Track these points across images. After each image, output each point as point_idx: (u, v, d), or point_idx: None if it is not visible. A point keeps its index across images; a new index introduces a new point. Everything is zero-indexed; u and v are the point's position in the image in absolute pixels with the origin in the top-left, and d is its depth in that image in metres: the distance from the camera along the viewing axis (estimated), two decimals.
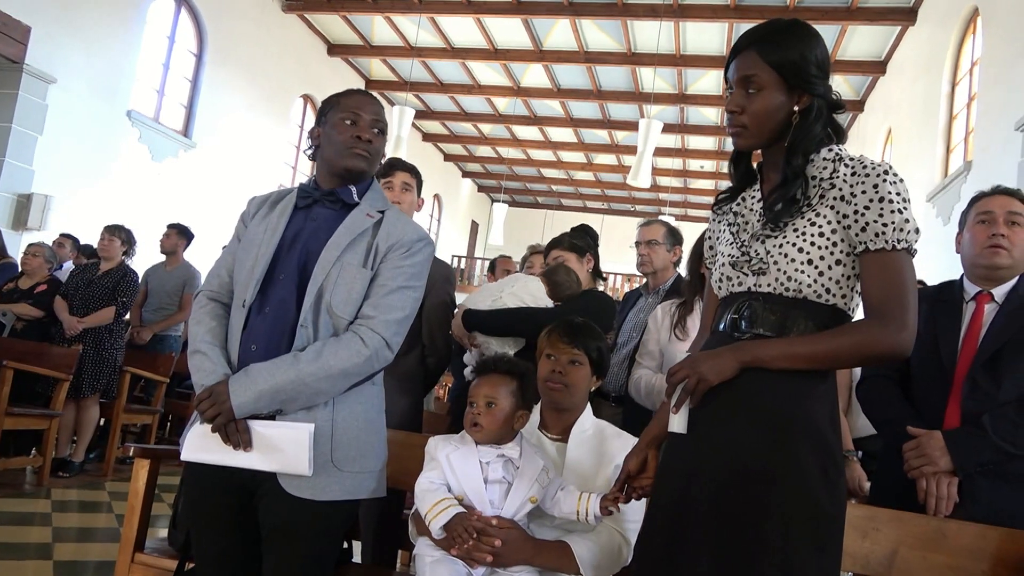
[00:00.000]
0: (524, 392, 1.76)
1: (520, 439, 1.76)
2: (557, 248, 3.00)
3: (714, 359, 1.36)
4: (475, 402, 1.74)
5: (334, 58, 11.66)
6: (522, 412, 1.75)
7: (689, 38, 9.65)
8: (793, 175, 1.40)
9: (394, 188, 2.66)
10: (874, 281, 1.36)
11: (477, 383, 1.77)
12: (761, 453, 1.32)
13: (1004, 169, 5.39)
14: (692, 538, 1.32)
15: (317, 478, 1.59)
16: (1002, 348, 1.92)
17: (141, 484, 2.12)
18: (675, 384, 1.38)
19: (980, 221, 2.05)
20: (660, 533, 1.39)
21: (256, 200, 1.84)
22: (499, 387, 1.73)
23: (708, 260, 1.67)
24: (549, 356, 1.91)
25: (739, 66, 1.44)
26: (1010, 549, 1.75)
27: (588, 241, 3.05)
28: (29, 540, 3.47)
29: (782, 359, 1.34)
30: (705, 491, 1.33)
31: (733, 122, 1.44)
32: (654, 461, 1.54)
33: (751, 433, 1.33)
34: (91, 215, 7.19)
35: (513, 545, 1.63)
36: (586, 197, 18.95)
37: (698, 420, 1.38)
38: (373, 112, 1.76)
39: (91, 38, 7.40)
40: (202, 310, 1.74)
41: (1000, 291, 2.02)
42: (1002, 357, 1.91)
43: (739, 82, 1.43)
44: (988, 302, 2.02)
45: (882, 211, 1.34)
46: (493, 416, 1.71)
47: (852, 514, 1.77)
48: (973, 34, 6.96)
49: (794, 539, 1.27)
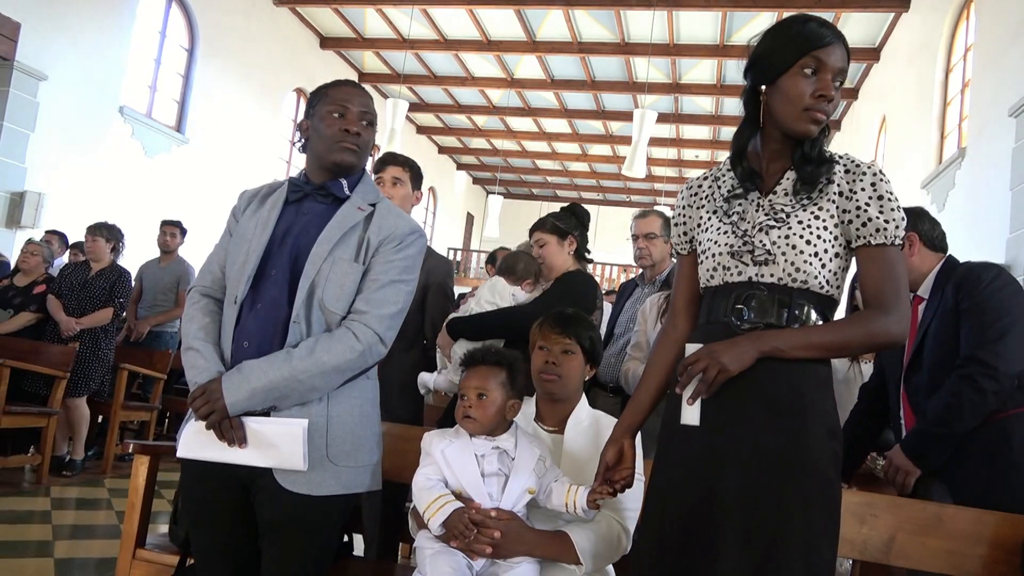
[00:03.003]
0: (514, 381, 1.75)
1: (515, 429, 1.76)
2: (540, 231, 2.89)
3: (734, 348, 1.35)
4: (466, 394, 1.73)
5: (326, 51, 11.61)
6: (514, 402, 1.75)
7: (683, 27, 9.62)
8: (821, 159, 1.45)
9: (385, 184, 2.66)
10: (877, 273, 1.42)
11: (467, 376, 1.77)
12: (783, 444, 1.35)
13: (998, 155, 5.40)
14: (718, 528, 1.33)
15: (313, 473, 1.59)
16: (922, 340, 2.09)
17: (141, 481, 2.12)
18: (694, 375, 1.36)
19: None
20: (673, 523, 1.39)
21: (247, 194, 1.83)
22: (489, 378, 1.73)
23: (679, 246, 1.65)
24: (541, 347, 1.90)
25: (843, 57, 1.43)
26: (1006, 533, 1.76)
27: (573, 222, 2.89)
28: (29, 538, 3.47)
29: (800, 348, 1.37)
30: (733, 483, 1.34)
31: (822, 108, 1.41)
32: (631, 451, 1.58)
33: (772, 424, 1.36)
34: (85, 212, 7.15)
35: (512, 536, 1.64)
36: (581, 188, 18.93)
37: (711, 411, 1.38)
38: (361, 104, 1.74)
39: (82, 34, 7.35)
40: (195, 306, 1.73)
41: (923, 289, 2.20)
42: (924, 347, 2.09)
43: (839, 73, 1.43)
44: (920, 303, 2.19)
45: (882, 208, 1.42)
46: (485, 408, 1.71)
47: (850, 500, 1.79)
48: (966, 20, 6.95)
49: (814, 523, 1.34)
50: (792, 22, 1.45)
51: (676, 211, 1.65)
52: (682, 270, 1.64)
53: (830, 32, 1.42)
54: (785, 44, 1.42)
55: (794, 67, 1.41)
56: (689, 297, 1.61)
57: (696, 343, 1.44)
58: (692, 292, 1.60)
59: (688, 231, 1.61)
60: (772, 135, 1.48)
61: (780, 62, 1.42)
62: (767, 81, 1.45)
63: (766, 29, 1.50)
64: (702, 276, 1.53)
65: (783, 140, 1.47)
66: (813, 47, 1.40)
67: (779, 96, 1.43)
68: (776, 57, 1.43)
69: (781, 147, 1.48)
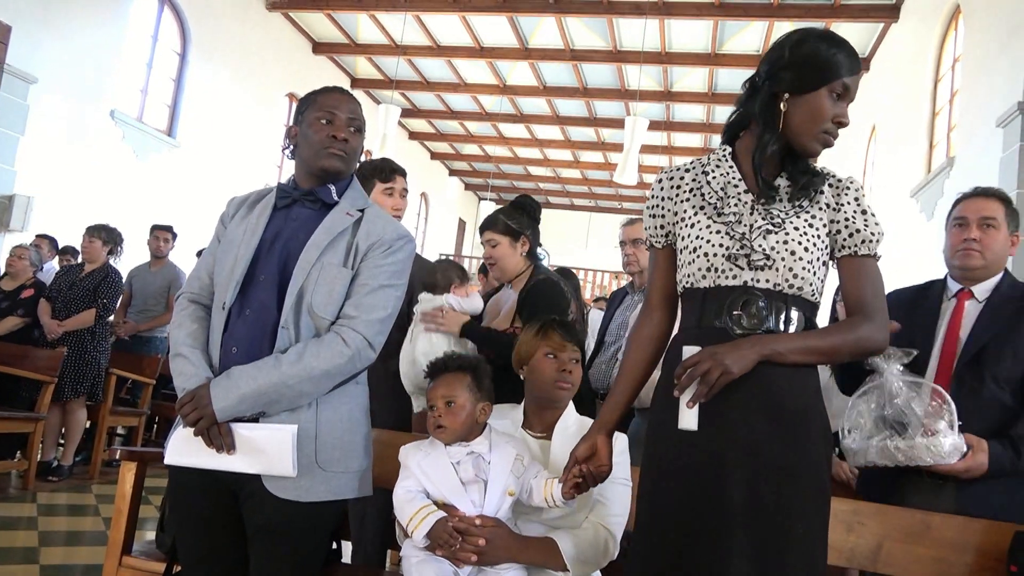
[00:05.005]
0: (480, 384, 1.76)
1: (489, 431, 1.76)
2: (491, 230, 2.67)
3: (736, 351, 1.35)
4: (434, 404, 1.73)
5: (319, 56, 11.59)
6: (484, 404, 1.74)
7: (674, 36, 9.67)
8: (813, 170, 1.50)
9: (395, 194, 2.65)
10: (862, 283, 1.46)
11: (433, 386, 1.77)
12: (785, 452, 1.37)
13: (986, 164, 5.44)
14: (724, 540, 1.33)
15: (302, 479, 1.59)
16: (986, 345, 1.95)
17: (128, 487, 2.10)
18: (695, 376, 1.35)
19: (956, 225, 2.12)
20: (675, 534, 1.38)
21: (235, 201, 1.83)
22: (455, 385, 1.73)
23: (655, 238, 1.60)
24: (550, 355, 1.87)
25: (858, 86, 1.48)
26: (993, 540, 1.77)
27: (525, 220, 2.68)
28: (15, 545, 3.43)
29: (797, 353, 1.39)
30: (738, 493, 1.34)
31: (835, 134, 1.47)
32: (604, 448, 1.56)
33: (774, 431, 1.37)
34: (74, 216, 7.11)
35: (498, 543, 1.63)
36: (573, 195, 18.96)
37: (710, 416, 1.38)
38: (349, 110, 1.74)
39: (73, 37, 7.33)
40: (183, 313, 1.73)
41: (982, 288, 2.06)
42: (986, 353, 1.95)
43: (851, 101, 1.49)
44: (969, 299, 2.06)
45: (867, 222, 1.47)
46: (455, 415, 1.71)
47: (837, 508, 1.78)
48: (955, 31, 7.01)
49: (813, 528, 1.37)
50: (831, 42, 1.46)
51: (652, 201, 1.60)
52: (658, 264, 1.61)
53: (857, 62, 1.47)
54: (823, 63, 1.43)
55: (824, 88, 1.43)
56: (665, 293, 1.60)
57: (693, 346, 1.42)
58: (668, 288, 1.59)
59: (667, 224, 1.58)
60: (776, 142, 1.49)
61: (814, 79, 1.44)
62: (793, 91, 1.45)
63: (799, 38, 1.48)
64: (690, 276, 1.50)
65: (783, 149, 1.49)
66: (846, 74, 1.44)
67: (802, 110, 1.44)
68: (811, 73, 1.44)
69: (776, 153, 1.49)
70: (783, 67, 1.46)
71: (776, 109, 1.46)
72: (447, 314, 2.51)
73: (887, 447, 1.79)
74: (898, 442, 1.78)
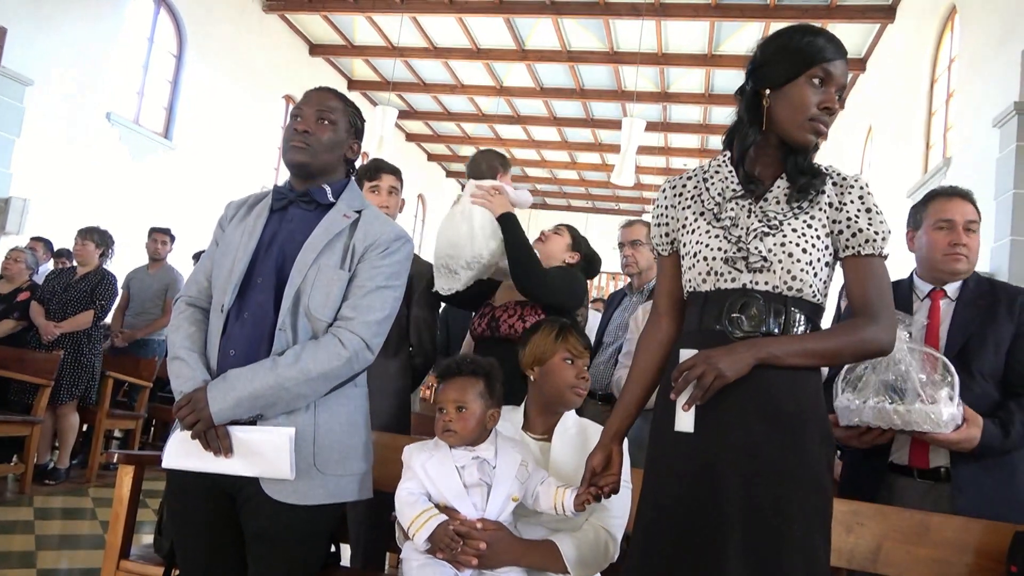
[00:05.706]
0: (492, 391, 1.74)
1: (495, 436, 1.75)
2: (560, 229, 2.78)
3: (731, 355, 1.35)
4: (444, 407, 1.71)
5: (316, 58, 11.58)
6: (493, 411, 1.73)
7: (671, 37, 9.67)
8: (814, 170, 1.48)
9: (381, 192, 2.64)
10: (866, 283, 1.44)
11: (443, 388, 1.74)
12: (783, 455, 1.36)
13: (982, 165, 5.45)
14: (721, 542, 1.33)
15: (300, 482, 1.58)
16: (968, 341, 2.00)
17: (125, 491, 2.09)
18: (690, 380, 1.36)
19: (939, 227, 2.11)
20: (671, 536, 1.38)
21: (233, 204, 1.83)
22: (467, 390, 1.71)
23: (660, 247, 1.63)
24: (568, 360, 1.87)
25: (846, 73, 1.48)
26: (992, 541, 1.77)
27: (585, 245, 2.79)
28: (12, 548, 3.42)
29: (796, 356, 1.38)
30: (735, 495, 1.34)
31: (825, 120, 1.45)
32: (618, 457, 1.57)
33: (771, 434, 1.36)
34: (71, 218, 7.08)
35: (499, 546, 1.63)
36: (570, 196, 18.96)
37: (707, 418, 1.38)
38: (318, 103, 1.74)
39: (68, 39, 7.31)
40: (181, 316, 1.72)
41: (952, 287, 2.10)
42: (969, 350, 1.99)
43: (841, 87, 1.47)
44: (942, 298, 2.10)
45: (871, 220, 1.45)
46: (464, 420, 1.69)
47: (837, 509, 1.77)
48: (950, 32, 7.02)
49: (812, 531, 1.35)
50: (804, 32, 1.47)
51: (657, 211, 1.63)
52: (664, 271, 1.63)
53: (838, 47, 1.45)
54: (796, 52, 1.44)
55: (803, 76, 1.43)
56: (673, 299, 1.60)
57: (690, 349, 1.43)
58: (676, 293, 1.59)
59: (671, 232, 1.60)
60: (769, 141, 1.49)
61: (790, 69, 1.44)
62: (773, 86, 1.45)
63: (773, 34, 1.51)
64: (692, 280, 1.51)
65: (778, 147, 1.48)
66: (824, 59, 1.43)
67: (784, 103, 1.44)
68: (786, 64, 1.44)
69: (775, 154, 1.49)
70: (760, 64, 1.48)
71: (758, 106, 1.47)
72: (497, 196, 2.54)
73: (884, 409, 1.81)
74: (897, 405, 1.79)
